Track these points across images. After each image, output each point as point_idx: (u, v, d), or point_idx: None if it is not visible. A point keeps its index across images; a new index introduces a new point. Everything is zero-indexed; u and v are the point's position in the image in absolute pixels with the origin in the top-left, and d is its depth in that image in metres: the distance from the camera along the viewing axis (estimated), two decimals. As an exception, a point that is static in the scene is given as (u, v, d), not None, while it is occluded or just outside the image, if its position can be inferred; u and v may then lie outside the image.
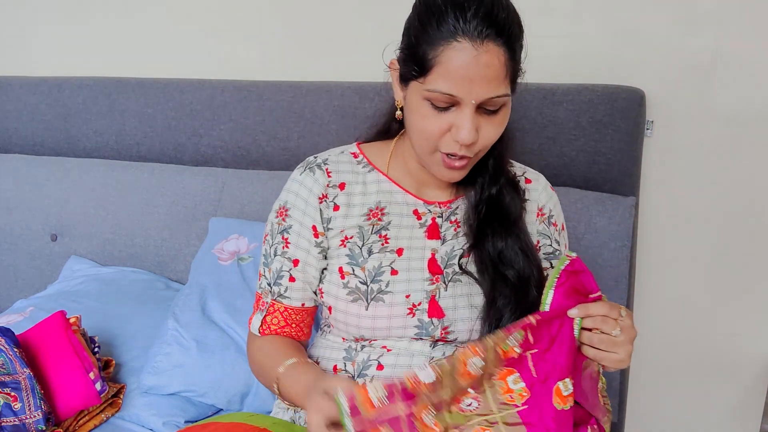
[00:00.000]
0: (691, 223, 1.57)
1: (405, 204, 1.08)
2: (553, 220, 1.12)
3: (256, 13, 1.84)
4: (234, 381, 1.40)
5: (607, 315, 0.89)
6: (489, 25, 0.89)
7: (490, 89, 0.91)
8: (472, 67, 0.89)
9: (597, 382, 0.93)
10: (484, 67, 0.90)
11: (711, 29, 1.46)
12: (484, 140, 0.96)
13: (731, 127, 1.49)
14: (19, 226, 1.93)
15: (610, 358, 0.90)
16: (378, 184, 1.09)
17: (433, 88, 0.92)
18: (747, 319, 1.58)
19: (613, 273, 1.40)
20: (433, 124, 0.95)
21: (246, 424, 1.00)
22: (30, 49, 2.15)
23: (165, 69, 1.95)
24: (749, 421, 1.64)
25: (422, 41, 0.92)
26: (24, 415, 1.25)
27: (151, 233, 1.79)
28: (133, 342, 1.54)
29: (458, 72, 0.90)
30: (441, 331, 1.03)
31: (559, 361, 0.90)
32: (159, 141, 1.87)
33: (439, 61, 0.91)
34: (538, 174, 1.15)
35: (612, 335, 0.89)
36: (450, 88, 0.91)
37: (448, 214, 1.09)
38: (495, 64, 0.91)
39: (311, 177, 1.08)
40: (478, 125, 0.94)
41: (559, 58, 1.57)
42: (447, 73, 0.90)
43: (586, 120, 1.45)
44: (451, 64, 0.90)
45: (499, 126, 0.97)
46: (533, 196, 1.11)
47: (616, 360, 0.90)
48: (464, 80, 0.90)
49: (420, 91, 0.94)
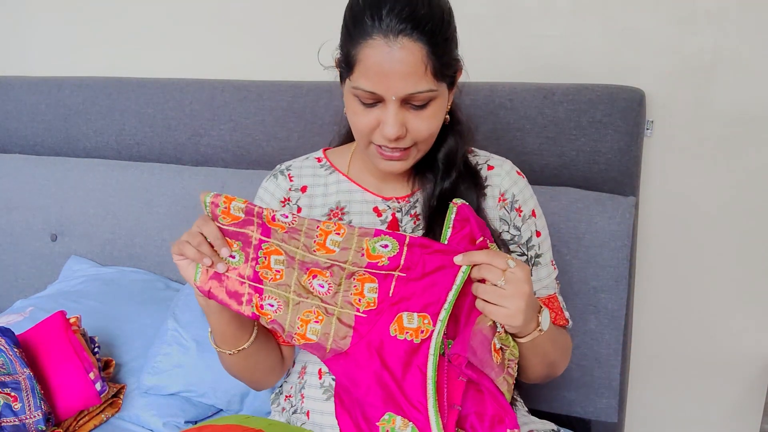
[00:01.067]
0: (691, 222, 1.57)
1: (364, 202, 1.10)
2: (517, 206, 1.09)
3: (256, 13, 1.84)
4: (234, 381, 1.39)
5: (490, 263, 0.89)
6: (404, 20, 0.90)
7: (408, 85, 0.92)
8: (386, 64, 0.91)
9: (489, 340, 0.91)
10: (398, 63, 0.91)
11: (711, 29, 1.46)
12: (415, 134, 0.97)
13: (731, 127, 1.49)
14: (19, 226, 1.93)
15: (497, 312, 0.89)
16: (338, 184, 1.12)
17: (356, 85, 0.94)
18: (747, 319, 1.58)
19: (613, 273, 1.40)
20: (362, 120, 0.97)
21: (241, 426, 1.00)
22: (30, 49, 2.15)
23: (165, 69, 1.95)
24: (749, 421, 1.64)
25: (347, 41, 0.95)
26: (24, 415, 1.25)
27: (151, 233, 1.79)
28: (133, 342, 1.54)
29: (374, 69, 0.92)
30: None
31: (420, 296, 0.92)
32: (159, 141, 1.87)
33: (359, 59, 0.93)
34: (503, 160, 1.13)
35: (498, 285, 0.88)
36: (369, 85, 0.93)
37: (408, 208, 1.10)
38: (410, 60, 0.91)
39: (274, 183, 1.16)
40: (406, 120, 0.95)
41: (559, 58, 1.57)
42: (366, 71, 0.93)
43: (586, 120, 1.45)
44: (368, 62, 0.92)
45: (429, 120, 0.97)
46: (495, 181, 1.09)
47: (504, 315, 0.89)
48: (381, 77, 0.92)
49: (349, 88, 0.97)
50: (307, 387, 1.08)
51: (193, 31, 1.92)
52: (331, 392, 1.04)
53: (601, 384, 1.43)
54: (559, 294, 1.13)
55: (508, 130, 1.50)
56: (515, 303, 0.88)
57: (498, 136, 1.50)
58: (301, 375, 1.10)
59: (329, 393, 1.05)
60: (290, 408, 1.10)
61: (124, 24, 1.99)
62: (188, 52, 1.94)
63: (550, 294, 1.11)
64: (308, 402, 1.07)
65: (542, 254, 1.11)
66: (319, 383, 1.06)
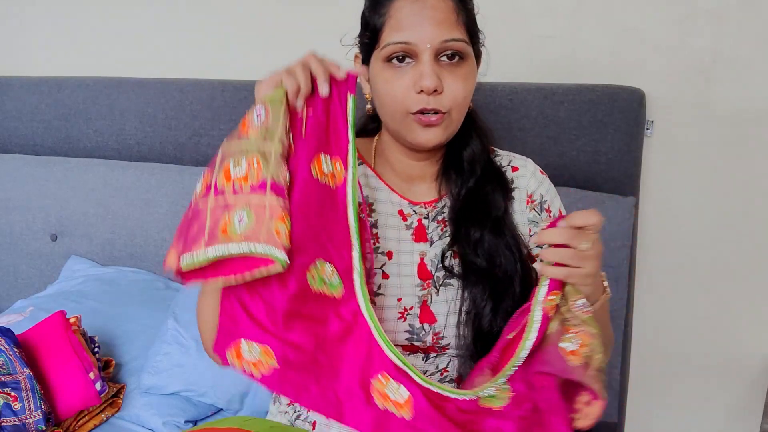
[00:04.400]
0: (691, 222, 1.57)
1: (390, 203, 1.05)
2: (546, 206, 1.07)
3: (256, 13, 1.84)
4: (234, 381, 1.40)
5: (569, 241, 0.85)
6: None
7: (442, 31, 0.92)
8: (419, 12, 0.91)
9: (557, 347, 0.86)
10: (430, 9, 0.92)
11: (711, 29, 1.46)
12: (452, 92, 0.94)
13: (731, 127, 1.50)
14: (19, 226, 1.93)
15: (576, 273, 0.86)
16: (366, 178, 1.05)
17: (388, 42, 0.93)
18: (747, 319, 1.58)
19: (613, 273, 1.40)
20: (396, 84, 0.94)
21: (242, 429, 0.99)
22: (30, 49, 2.15)
23: (165, 69, 1.95)
24: (749, 421, 1.64)
25: (372, 12, 0.96)
26: (24, 415, 1.25)
27: (151, 233, 1.79)
28: (133, 342, 1.54)
29: (406, 20, 0.92)
30: (432, 337, 1.00)
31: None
32: (159, 141, 1.87)
33: (390, 15, 0.93)
34: (525, 159, 1.10)
35: (581, 248, 0.86)
36: (402, 36, 0.92)
37: (435, 214, 1.05)
38: (442, 7, 0.92)
39: None
40: (441, 76, 0.93)
41: (559, 58, 1.57)
42: (397, 24, 0.92)
43: (587, 120, 1.45)
44: (399, 14, 0.92)
45: (464, 80, 0.95)
46: (521, 183, 1.06)
47: (583, 274, 0.87)
48: (414, 26, 0.92)
49: (378, 57, 0.95)
50: None
51: (193, 31, 1.92)
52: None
53: (601, 384, 1.43)
54: None
55: (509, 130, 1.50)
56: (593, 263, 0.87)
57: (498, 136, 1.49)
58: None
59: None
60: (294, 413, 1.07)
61: (125, 24, 1.99)
62: (188, 52, 1.94)
63: None
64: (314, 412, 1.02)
65: None
66: None
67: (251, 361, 0.83)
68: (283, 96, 0.86)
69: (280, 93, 0.86)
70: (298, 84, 0.87)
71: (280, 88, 0.87)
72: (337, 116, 0.90)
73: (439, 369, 1.02)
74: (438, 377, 1.02)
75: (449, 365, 1.02)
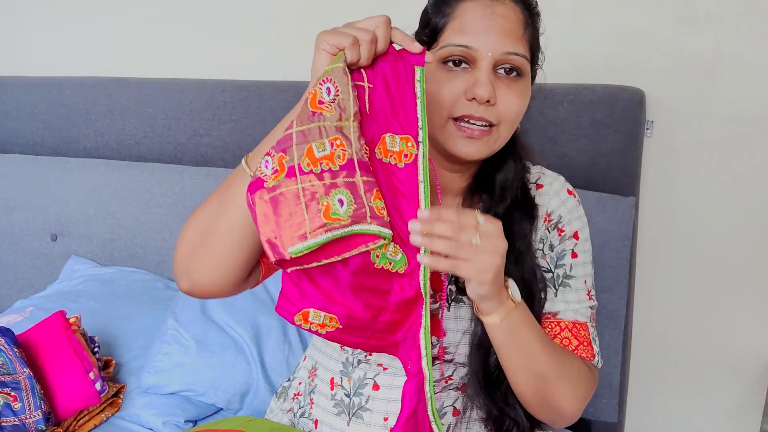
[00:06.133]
0: (691, 222, 1.57)
1: None
2: (561, 226, 1.01)
3: (256, 13, 1.84)
4: (234, 380, 1.40)
5: (458, 222, 0.79)
6: None
7: (506, 42, 0.88)
8: (487, 18, 0.87)
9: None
10: (500, 17, 0.88)
11: (711, 29, 1.46)
12: (505, 106, 0.90)
13: (731, 127, 1.50)
14: (19, 226, 1.93)
15: (468, 268, 0.80)
16: None
17: (447, 43, 0.89)
18: (747, 319, 1.58)
19: (613, 273, 1.40)
20: (447, 87, 0.89)
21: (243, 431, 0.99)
22: (30, 49, 2.15)
23: (165, 69, 1.95)
24: (749, 421, 1.64)
25: (435, 10, 0.92)
26: (24, 415, 1.25)
27: (151, 233, 1.79)
28: (133, 342, 1.54)
29: (472, 23, 0.88)
30: (440, 350, 0.99)
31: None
32: (159, 141, 1.87)
33: (453, 17, 0.89)
34: (555, 177, 1.04)
35: (472, 243, 0.79)
36: (465, 39, 0.88)
37: None
38: (512, 17, 0.89)
39: None
40: (496, 87, 0.89)
41: (559, 58, 1.57)
42: (461, 26, 0.88)
43: (587, 120, 1.45)
44: (465, 17, 0.88)
45: (518, 97, 0.91)
46: (542, 200, 1.01)
47: (475, 270, 0.80)
48: (480, 31, 0.87)
49: (433, 56, 0.90)
50: (317, 393, 1.04)
51: (193, 31, 1.92)
52: (342, 407, 1.00)
53: (601, 384, 1.42)
54: (593, 327, 1.00)
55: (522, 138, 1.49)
56: (489, 259, 0.80)
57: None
58: (312, 375, 1.06)
59: (340, 408, 1.01)
60: (298, 409, 1.07)
61: (125, 24, 1.99)
62: (188, 51, 1.94)
63: (579, 320, 0.98)
64: (317, 411, 1.03)
65: (574, 277, 1.00)
66: (331, 394, 1.02)
67: (317, 323, 0.86)
68: (344, 65, 0.82)
69: (340, 63, 0.82)
70: (359, 56, 0.81)
71: (340, 57, 0.81)
72: (404, 91, 0.84)
73: (444, 376, 1.01)
74: (442, 384, 1.01)
75: (454, 374, 1.01)
